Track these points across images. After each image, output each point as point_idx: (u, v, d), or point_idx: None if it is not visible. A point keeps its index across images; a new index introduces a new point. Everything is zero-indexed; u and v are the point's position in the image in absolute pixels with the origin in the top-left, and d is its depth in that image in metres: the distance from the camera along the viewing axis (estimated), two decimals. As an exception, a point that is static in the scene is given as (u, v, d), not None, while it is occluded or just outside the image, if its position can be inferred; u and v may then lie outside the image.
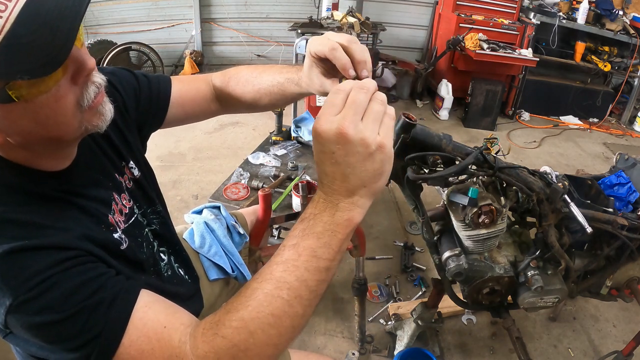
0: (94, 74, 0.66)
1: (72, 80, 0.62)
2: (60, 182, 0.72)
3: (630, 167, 1.89)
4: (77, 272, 0.63)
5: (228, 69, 1.06)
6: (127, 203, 0.87)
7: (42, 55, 0.54)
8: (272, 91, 0.97)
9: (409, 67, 5.32)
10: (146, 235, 0.91)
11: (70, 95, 0.63)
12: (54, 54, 0.55)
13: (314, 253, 0.61)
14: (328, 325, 2.11)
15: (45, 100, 0.59)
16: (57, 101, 0.61)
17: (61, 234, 0.64)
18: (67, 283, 0.61)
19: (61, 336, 0.61)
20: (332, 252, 0.61)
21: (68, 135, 0.67)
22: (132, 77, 0.98)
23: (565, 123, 5.01)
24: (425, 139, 1.19)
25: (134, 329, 0.63)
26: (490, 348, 2.06)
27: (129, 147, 0.93)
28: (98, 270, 0.66)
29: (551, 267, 1.42)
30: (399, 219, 2.97)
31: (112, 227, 0.77)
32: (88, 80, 0.65)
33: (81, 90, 0.64)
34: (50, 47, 0.55)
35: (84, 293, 0.62)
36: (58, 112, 0.62)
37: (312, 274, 0.61)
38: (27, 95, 0.57)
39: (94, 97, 0.66)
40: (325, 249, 0.61)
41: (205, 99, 1.07)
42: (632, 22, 4.69)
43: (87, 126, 0.68)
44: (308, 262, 0.61)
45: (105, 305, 0.62)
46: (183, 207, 2.85)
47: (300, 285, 0.61)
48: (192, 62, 4.88)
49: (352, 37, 0.77)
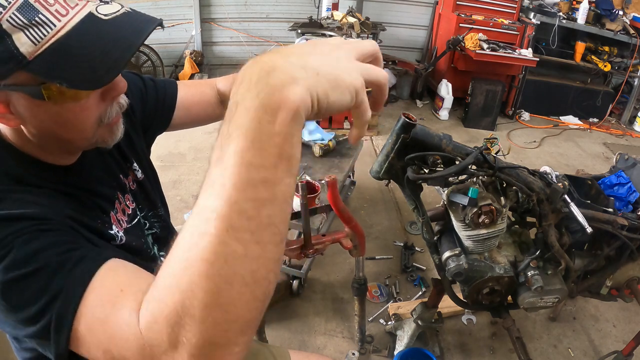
0: (121, 94, 0.71)
1: (102, 96, 0.67)
2: (64, 176, 0.73)
3: (630, 167, 1.89)
4: (49, 235, 0.60)
5: (233, 74, 1.06)
6: (130, 204, 0.88)
7: (88, 72, 0.57)
8: None
9: (409, 67, 5.32)
10: (147, 239, 0.91)
11: (95, 109, 0.66)
12: (99, 75, 0.58)
13: (241, 159, 0.42)
14: (328, 325, 2.11)
15: (72, 107, 0.63)
16: (82, 111, 0.64)
17: (45, 210, 0.63)
18: (35, 243, 0.58)
19: (23, 296, 0.56)
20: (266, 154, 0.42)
21: (80, 142, 0.70)
22: (139, 80, 0.99)
23: (565, 123, 5.01)
24: (425, 139, 1.19)
25: (90, 292, 0.54)
26: (490, 348, 2.06)
27: (134, 149, 0.94)
28: (73, 237, 0.63)
29: (551, 267, 1.42)
30: (399, 219, 2.97)
31: (108, 224, 0.78)
32: (114, 100, 0.70)
33: (106, 107, 0.68)
34: (97, 68, 0.57)
35: (52, 252, 0.57)
36: (80, 120, 0.65)
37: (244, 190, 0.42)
38: (58, 99, 0.60)
39: (115, 116, 0.71)
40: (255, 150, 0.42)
41: (210, 103, 1.08)
42: (632, 22, 4.69)
43: (99, 140, 0.72)
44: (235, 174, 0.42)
45: (71, 263, 0.56)
46: (183, 207, 2.86)
47: (230, 211, 0.42)
48: (192, 62, 4.88)
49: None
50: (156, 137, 1.07)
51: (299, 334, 2.05)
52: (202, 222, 0.43)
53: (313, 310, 2.18)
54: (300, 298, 2.24)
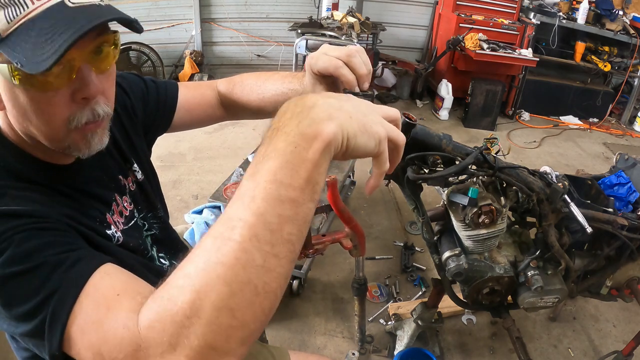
0: (99, 103, 0.67)
1: (72, 96, 0.64)
2: (62, 176, 0.73)
3: (630, 167, 1.89)
4: (48, 234, 0.60)
5: (234, 76, 1.07)
6: (128, 206, 0.88)
7: (37, 53, 0.56)
8: (276, 100, 0.97)
9: (409, 67, 5.32)
10: (144, 240, 0.91)
11: (63, 107, 0.64)
12: (43, 58, 0.56)
13: (274, 177, 0.47)
14: (328, 325, 2.11)
15: (39, 97, 0.62)
16: (48, 104, 0.63)
17: (44, 208, 0.64)
18: (34, 241, 0.59)
19: (18, 292, 0.57)
20: (296, 176, 0.47)
21: (51, 141, 0.68)
22: (140, 82, 0.99)
23: (565, 123, 5.01)
24: (425, 139, 1.19)
25: (85, 295, 0.55)
26: (490, 348, 2.06)
27: (135, 150, 0.94)
28: (71, 237, 0.64)
29: (551, 267, 1.42)
30: (399, 219, 2.97)
31: (106, 224, 0.78)
32: (87, 104, 0.66)
33: (76, 109, 0.65)
34: (44, 51, 0.56)
35: (49, 251, 0.58)
36: (46, 114, 0.64)
37: (271, 205, 0.47)
38: (25, 83, 0.60)
39: (85, 122, 0.67)
40: (287, 170, 0.47)
41: (210, 105, 1.08)
42: (632, 22, 4.69)
43: (72, 145, 0.68)
44: (266, 189, 0.47)
45: (67, 265, 0.57)
46: (183, 207, 2.86)
47: (257, 221, 0.46)
48: (192, 62, 4.88)
49: (349, 50, 0.76)
50: (157, 137, 1.07)
51: (299, 334, 2.06)
52: (227, 229, 0.47)
53: (313, 310, 2.18)
54: (300, 298, 2.24)
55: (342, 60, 0.76)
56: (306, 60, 0.83)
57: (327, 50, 0.78)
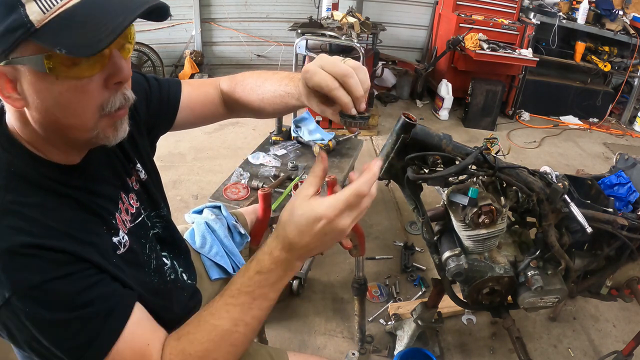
0: (126, 87, 0.70)
1: (105, 82, 0.65)
2: (70, 177, 0.73)
3: (630, 167, 1.89)
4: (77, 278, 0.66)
5: (236, 75, 1.07)
6: (134, 203, 0.88)
7: (87, 38, 0.57)
8: (274, 102, 0.97)
9: (409, 67, 5.32)
10: (151, 238, 0.91)
11: (97, 94, 0.65)
12: (96, 40, 0.57)
13: (266, 297, 0.74)
14: (328, 325, 2.11)
15: (73, 85, 0.62)
16: (83, 92, 0.64)
17: (63, 238, 0.66)
18: (67, 287, 0.65)
19: (56, 336, 0.65)
20: (278, 291, 0.75)
21: (80, 133, 0.68)
22: (143, 80, 0.99)
23: (565, 123, 5.01)
24: (425, 139, 1.19)
25: (122, 342, 0.69)
26: (490, 348, 2.06)
27: (137, 149, 0.94)
28: (96, 278, 0.69)
29: (551, 267, 1.42)
30: (399, 219, 2.97)
31: (114, 229, 0.78)
32: (119, 89, 0.68)
33: (109, 95, 0.67)
34: (95, 34, 0.57)
35: (83, 300, 0.66)
36: (80, 102, 0.64)
37: (264, 311, 0.75)
38: (59, 72, 0.60)
39: (118, 107, 0.69)
40: (275, 293, 0.75)
41: (213, 103, 1.08)
42: (632, 22, 4.69)
43: (100, 134, 0.69)
44: (261, 304, 0.74)
45: (102, 316, 0.67)
46: (183, 207, 2.86)
47: (254, 321, 0.74)
48: (192, 62, 4.88)
49: (346, 70, 0.73)
50: (160, 136, 1.06)
51: (298, 333, 2.06)
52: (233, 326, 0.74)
53: (313, 310, 2.18)
54: (300, 298, 2.24)
55: (337, 80, 0.74)
56: (302, 71, 0.82)
57: (323, 64, 0.76)
